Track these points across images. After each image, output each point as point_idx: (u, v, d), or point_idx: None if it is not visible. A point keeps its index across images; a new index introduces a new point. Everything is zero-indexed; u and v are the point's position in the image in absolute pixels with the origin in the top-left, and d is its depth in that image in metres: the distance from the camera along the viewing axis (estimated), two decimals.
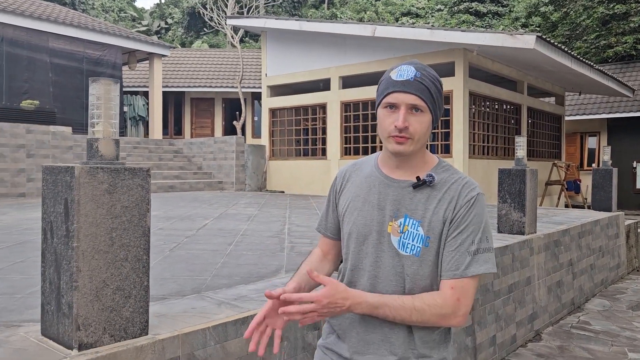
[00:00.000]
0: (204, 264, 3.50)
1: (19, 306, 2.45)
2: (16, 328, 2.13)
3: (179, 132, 21.01)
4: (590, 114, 18.05)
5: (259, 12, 25.03)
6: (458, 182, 1.36)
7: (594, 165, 18.90)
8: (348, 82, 12.03)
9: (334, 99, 12.00)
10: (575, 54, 10.84)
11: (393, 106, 1.31)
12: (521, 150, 5.15)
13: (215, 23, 18.00)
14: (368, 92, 11.43)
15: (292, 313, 1.18)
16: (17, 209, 7.08)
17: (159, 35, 42.29)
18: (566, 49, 10.09)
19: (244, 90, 19.90)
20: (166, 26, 45.20)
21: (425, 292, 1.31)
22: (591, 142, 19.31)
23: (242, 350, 2.30)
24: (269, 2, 21.17)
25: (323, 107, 12.32)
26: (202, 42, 35.60)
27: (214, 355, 2.19)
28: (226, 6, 19.42)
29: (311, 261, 1.52)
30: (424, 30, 9.94)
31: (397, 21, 39.46)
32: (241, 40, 37.09)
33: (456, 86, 10.18)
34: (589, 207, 14.51)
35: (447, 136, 10.60)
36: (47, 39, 13.33)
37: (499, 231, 5.19)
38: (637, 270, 8.25)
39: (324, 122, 12.34)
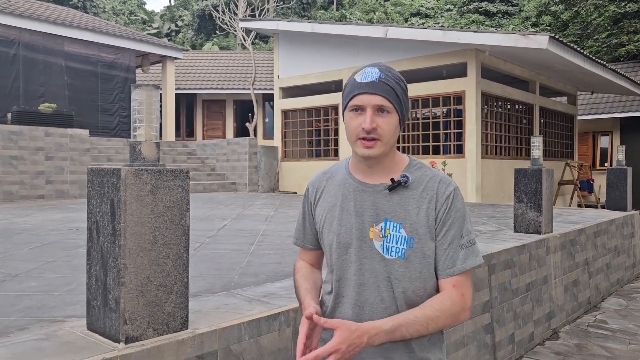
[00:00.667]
0: (230, 263, 3.59)
1: (59, 303, 2.55)
2: (60, 323, 2.23)
3: (190, 133, 21.19)
4: (603, 113, 17.98)
5: (268, 14, 25.16)
6: (433, 180, 1.35)
7: (606, 164, 18.81)
8: None
9: None
10: (587, 53, 10.84)
11: (359, 108, 1.30)
12: (537, 151, 5.19)
13: (228, 25, 18.12)
14: None
15: None
16: (38, 210, 7.23)
17: (169, 38, 42.60)
18: (579, 49, 10.09)
19: (255, 92, 20.04)
20: (176, 28, 45.54)
21: (430, 299, 1.31)
22: (603, 142, 19.22)
23: (273, 345, 2.38)
24: (279, 4, 21.27)
25: (335, 108, 12.40)
26: (213, 45, 35.79)
27: (248, 349, 2.28)
28: (237, 8, 19.58)
29: (306, 276, 1.48)
30: (436, 31, 9.99)
31: (406, 21, 39.43)
32: (244, 40, 37.29)
33: (468, 86, 10.22)
34: (602, 207, 14.46)
35: (459, 136, 10.64)
36: (63, 43, 13.52)
37: (516, 230, 5.24)
38: None
39: (336, 124, 12.42)
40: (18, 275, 3.12)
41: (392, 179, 1.33)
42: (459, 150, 10.56)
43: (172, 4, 49.96)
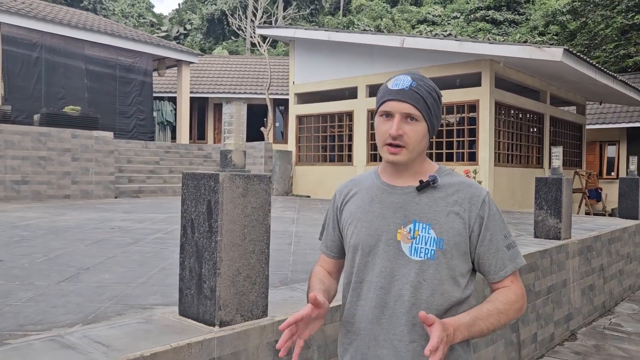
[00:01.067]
0: (278, 261, 3.85)
1: (140, 293, 2.81)
2: (150, 310, 2.49)
3: (202, 136, 21.49)
4: (610, 123, 18.23)
5: (277, 20, 25.48)
6: (464, 184, 1.36)
7: (613, 173, 19.05)
8: (375, 90, 12.37)
9: (360, 107, 12.34)
10: (597, 65, 11.10)
11: (388, 114, 1.33)
12: (557, 160, 5.45)
13: (243, 31, 18.45)
14: None
15: None
16: (71, 209, 7.50)
17: (177, 41, 42.98)
18: (592, 62, 10.35)
19: (264, 96, 20.34)
20: (185, 32, 45.96)
21: (495, 294, 1.34)
22: (610, 151, 19.45)
23: (335, 334, 2.64)
24: (289, 13, 21.59)
25: (349, 114, 12.67)
26: (222, 49, 36.14)
27: (316, 337, 2.53)
28: (244, 13, 19.94)
29: (321, 280, 1.46)
30: (452, 42, 10.26)
31: (413, 28, 39.76)
32: (260, 46, 37.71)
33: (482, 96, 10.48)
34: (609, 215, 14.69)
35: (471, 144, 10.89)
36: (83, 47, 13.84)
37: (536, 236, 5.49)
38: None
39: (350, 129, 12.69)
40: (89, 269, 3.38)
41: (420, 180, 1.34)
42: (472, 157, 10.81)
43: (180, 7, 50.40)
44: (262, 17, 16.78)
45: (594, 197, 14.54)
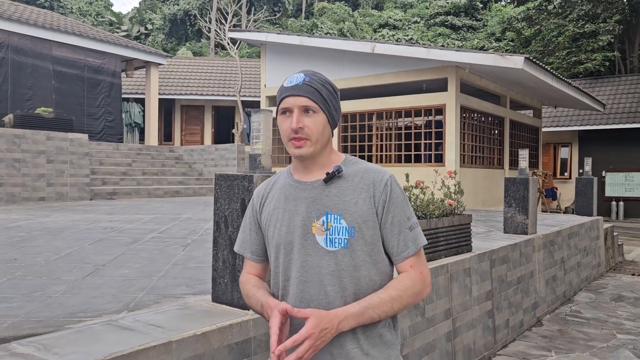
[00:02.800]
0: None
1: (164, 285, 3.05)
2: (182, 298, 2.75)
3: (168, 138, 21.40)
4: (564, 125, 19.29)
5: (248, 23, 25.64)
6: (368, 171, 1.39)
7: (565, 174, 20.15)
8: (346, 94, 12.75)
9: None
10: (553, 71, 11.84)
11: (287, 111, 1.36)
12: (523, 162, 5.95)
13: (213, 33, 18.53)
14: (365, 104, 12.20)
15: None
16: (53, 211, 7.53)
17: (138, 41, 42.30)
18: (549, 69, 11.06)
19: (233, 98, 20.46)
20: (146, 32, 45.25)
21: (391, 281, 1.37)
22: (563, 152, 20.57)
23: None
24: (259, 17, 21.80)
25: None
26: (187, 50, 35.85)
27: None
28: (207, 15, 20.02)
29: (257, 285, 1.46)
30: (420, 48, 10.76)
31: (375, 32, 40.55)
32: (222, 48, 37.62)
33: (449, 100, 11.03)
34: (564, 213, 15.60)
35: (438, 146, 11.43)
36: (51, 47, 13.66)
37: (505, 231, 5.97)
38: (613, 269, 9.19)
39: None
40: (105, 265, 3.58)
41: (327, 173, 1.38)
42: (439, 159, 11.34)
43: (141, 6, 49.56)
44: (232, 20, 16.92)
45: (550, 196, 15.41)
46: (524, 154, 5.93)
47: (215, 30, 17.63)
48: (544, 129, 18.65)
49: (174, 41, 42.42)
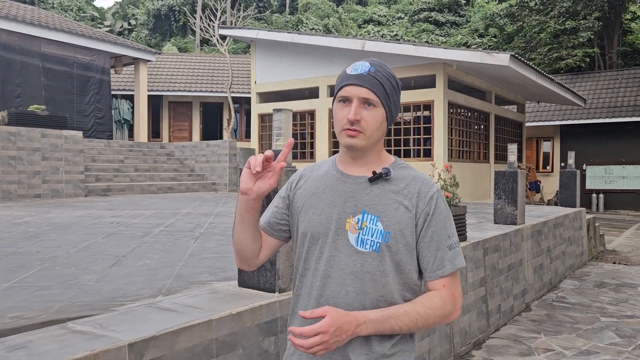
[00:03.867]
0: None
1: (188, 273, 3.26)
2: (209, 284, 2.97)
3: (157, 134, 21.40)
4: (546, 120, 19.78)
5: (225, 16, 25.63)
6: (416, 179, 1.34)
7: (548, 167, 20.67)
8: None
9: (322, 106, 12.93)
10: (536, 68, 12.21)
11: (346, 100, 1.31)
12: (512, 156, 6.25)
13: (203, 30, 18.59)
14: None
15: (299, 346, 1.18)
16: (53, 208, 7.65)
17: (122, 37, 41.93)
18: (534, 66, 11.42)
19: (221, 95, 20.55)
20: (129, 27, 44.89)
21: (421, 296, 1.32)
22: (546, 146, 21.09)
23: None
24: (249, 13, 21.86)
25: (311, 113, 13.24)
26: (172, 45, 35.69)
27: None
28: (193, 9, 20.07)
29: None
30: (409, 46, 11.04)
31: (359, 28, 40.80)
32: (207, 43, 37.57)
33: (437, 96, 11.33)
34: (547, 205, 16.05)
35: (426, 141, 11.73)
36: (40, 44, 13.63)
37: (495, 222, 6.27)
38: (595, 258, 9.59)
39: (312, 127, 13.26)
40: (125, 256, 3.78)
41: (373, 171, 1.33)
42: (428, 154, 11.65)
43: (123, 1, 49.03)
44: (220, 17, 17.01)
45: (534, 189, 15.85)
46: (512, 149, 6.23)
47: (205, 27, 17.67)
48: (527, 124, 19.09)
49: (158, 37, 42.17)
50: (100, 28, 42.35)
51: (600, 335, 5.01)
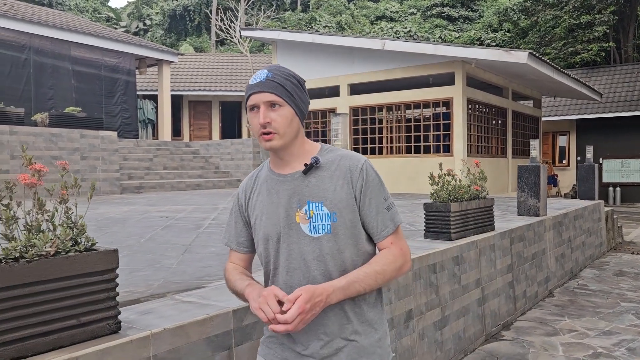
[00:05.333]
0: None
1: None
2: None
3: (177, 133, 21.93)
4: (562, 115, 19.96)
5: (239, 17, 26.10)
6: (344, 158, 1.45)
7: (564, 161, 20.85)
8: (355, 89, 13.35)
9: (343, 104, 13.31)
10: (552, 63, 12.47)
11: (255, 107, 1.41)
12: (534, 151, 6.58)
13: (225, 32, 19.04)
14: (375, 98, 12.81)
15: (285, 330, 1.28)
16: (95, 204, 8.13)
17: (137, 37, 42.53)
18: (552, 63, 11.69)
19: (240, 93, 21.00)
20: (144, 27, 45.55)
21: (374, 257, 1.45)
22: (562, 141, 21.26)
23: (402, 282, 3.58)
24: (269, 14, 22.29)
25: (332, 111, 13.61)
26: (188, 45, 36.23)
27: (389, 283, 3.48)
28: (207, 9, 20.52)
29: (241, 273, 1.57)
30: (429, 45, 11.37)
31: (372, 24, 40.99)
32: (222, 43, 38.10)
33: (456, 94, 11.65)
34: (564, 197, 16.29)
35: (445, 137, 12.06)
36: (70, 48, 14.17)
37: (519, 214, 6.62)
38: (614, 249, 9.88)
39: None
40: (191, 245, 4.20)
41: (305, 164, 1.43)
42: (447, 149, 11.98)
43: (137, 1, 49.63)
44: (242, 18, 17.43)
45: (551, 183, 16.10)
46: (535, 144, 6.57)
47: (226, 28, 18.11)
48: (543, 119, 19.29)
49: (173, 36, 42.77)
50: (115, 29, 43.06)
51: (621, 318, 5.35)
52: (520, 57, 10.26)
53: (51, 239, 1.88)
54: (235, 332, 2.34)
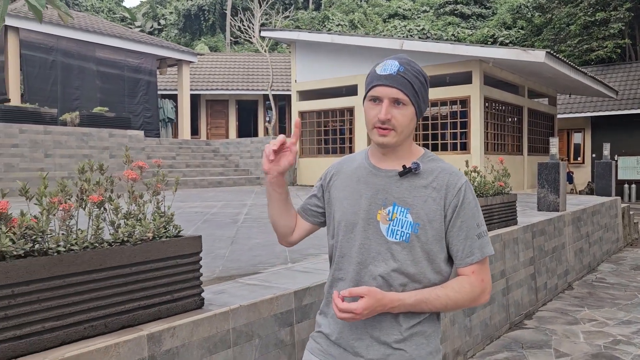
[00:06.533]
0: None
1: (297, 248, 3.94)
2: (320, 255, 3.66)
3: (194, 132, 22.31)
4: (577, 112, 20.03)
5: (257, 17, 26.40)
6: (445, 171, 1.41)
7: (579, 158, 20.92)
8: None
9: (361, 103, 13.54)
10: (570, 63, 12.61)
11: (377, 99, 1.37)
12: (554, 148, 6.81)
13: (243, 32, 19.39)
14: None
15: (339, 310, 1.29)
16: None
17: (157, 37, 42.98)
18: (568, 62, 11.85)
19: (256, 92, 21.34)
20: (159, 27, 46.08)
21: (451, 281, 1.40)
22: (577, 138, 21.31)
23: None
24: (287, 15, 22.61)
25: (350, 110, 13.88)
26: (204, 45, 36.66)
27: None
28: (226, 11, 20.86)
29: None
30: (447, 45, 11.59)
31: (384, 22, 41.11)
32: (236, 43, 38.50)
33: (473, 92, 11.86)
34: (579, 193, 16.42)
35: (462, 135, 12.28)
36: (94, 49, 14.58)
37: (539, 209, 6.85)
38: (630, 245, 10.05)
39: (351, 124, 13.91)
40: (235, 237, 4.50)
41: (404, 165, 1.39)
42: (463, 147, 12.20)
43: (151, 1, 50.13)
44: (261, 18, 17.77)
45: (567, 180, 16.22)
46: (554, 142, 6.79)
47: (245, 28, 18.45)
48: (558, 116, 19.38)
49: (187, 36, 43.25)
50: (130, 28, 43.56)
51: (639, 309, 5.57)
52: (538, 56, 10.45)
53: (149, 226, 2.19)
54: (296, 310, 2.64)
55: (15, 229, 1.76)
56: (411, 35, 35.12)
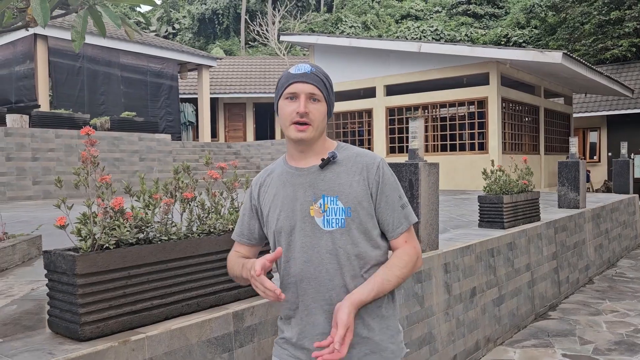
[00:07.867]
0: None
1: None
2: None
3: (213, 135, 22.71)
4: (592, 111, 20.10)
5: (274, 22, 26.80)
6: (360, 155, 1.50)
7: (595, 157, 20.98)
8: (391, 90, 13.86)
9: (379, 105, 13.84)
10: (587, 63, 12.78)
11: (294, 96, 1.44)
12: (573, 147, 7.04)
13: (261, 36, 19.75)
14: (410, 99, 13.30)
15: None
16: None
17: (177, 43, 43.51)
18: (584, 62, 12.02)
19: (272, 95, 21.65)
20: (173, 31, 46.69)
21: (392, 259, 1.48)
22: (592, 137, 21.37)
23: (469, 263, 4.13)
24: (305, 18, 22.95)
25: (369, 112, 14.16)
26: (219, 49, 37.13)
27: (460, 264, 4.04)
28: (240, 14, 21.22)
29: (240, 259, 1.60)
30: (464, 47, 11.83)
31: (397, 23, 41.30)
32: (250, 46, 38.94)
33: (491, 93, 12.08)
34: (596, 192, 16.52)
35: (480, 135, 12.50)
36: (118, 55, 15.00)
37: (560, 206, 7.08)
38: None
39: (370, 125, 14.18)
40: None
41: (322, 159, 1.47)
42: (482, 147, 12.42)
43: (165, 5, 50.75)
44: (280, 23, 18.10)
45: None
46: (574, 142, 7.02)
47: (263, 33, 18.80)
48: (574, 115, 19.48)
49: (201, 40, 43.79)
50: (146, 33, 44.15)
51: None
52: (554, 57, 10.65)
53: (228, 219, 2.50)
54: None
55: (130, 221, 2.09)
56: (424, 36, 35.26)
